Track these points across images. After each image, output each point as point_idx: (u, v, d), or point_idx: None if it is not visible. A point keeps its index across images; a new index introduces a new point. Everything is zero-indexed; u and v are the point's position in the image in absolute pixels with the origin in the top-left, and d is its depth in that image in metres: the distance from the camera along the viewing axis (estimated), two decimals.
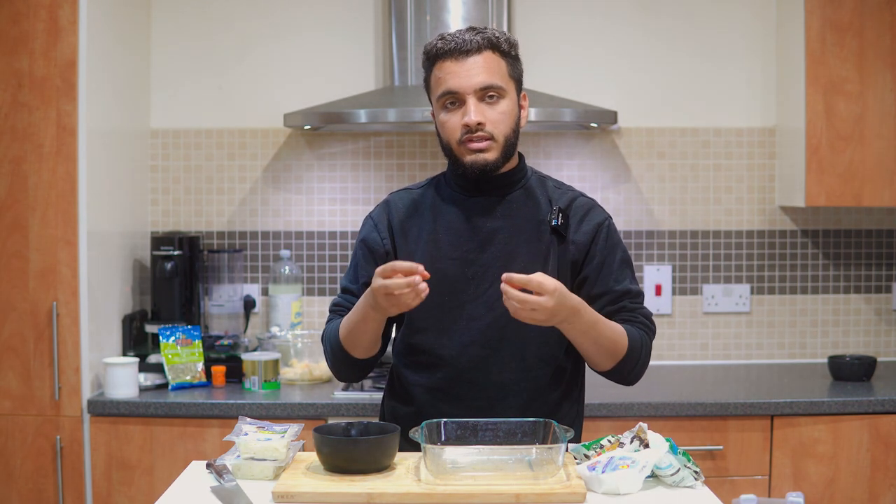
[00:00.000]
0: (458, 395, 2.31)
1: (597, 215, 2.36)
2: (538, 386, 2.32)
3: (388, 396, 2.46)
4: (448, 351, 2.31)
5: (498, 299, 2.24)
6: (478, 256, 2.30)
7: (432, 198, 2.37)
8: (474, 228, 2.31)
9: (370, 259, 2.37)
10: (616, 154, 3.87)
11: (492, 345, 2.29)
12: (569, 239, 2.32)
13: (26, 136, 3.18)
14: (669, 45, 3.87)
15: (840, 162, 3.56)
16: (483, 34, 2.25)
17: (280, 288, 3.74)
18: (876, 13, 3.54)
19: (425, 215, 2.36)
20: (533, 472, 1.96)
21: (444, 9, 3.58)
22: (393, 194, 2.45)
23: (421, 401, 2.34)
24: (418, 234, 2.34)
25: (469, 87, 2.22)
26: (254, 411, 3.16)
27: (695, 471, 2.05)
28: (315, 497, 1.92)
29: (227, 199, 3.86)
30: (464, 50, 2.23)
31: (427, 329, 2.33)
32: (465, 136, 2.24)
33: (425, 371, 2.34)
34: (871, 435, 3.25)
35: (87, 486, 3.23)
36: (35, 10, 3.16)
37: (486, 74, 2.23)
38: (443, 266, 2.29)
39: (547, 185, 2.38)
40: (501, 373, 2.30)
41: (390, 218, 2.38)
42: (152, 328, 3.55)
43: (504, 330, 2.28)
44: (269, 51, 3.85)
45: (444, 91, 2.25)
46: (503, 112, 2.25)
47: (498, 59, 2.25)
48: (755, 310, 3.91)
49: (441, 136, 2.30)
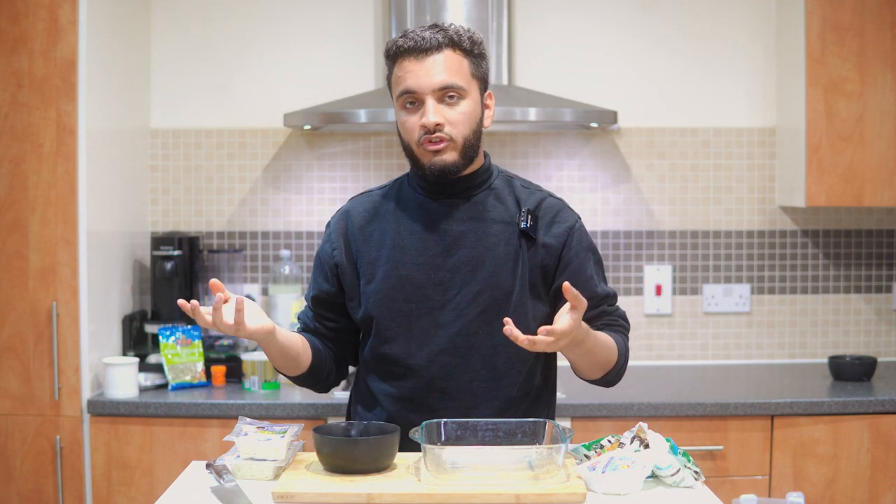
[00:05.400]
0: (428, 405, 2.24)
1: (567, 217, 2.29)
2: (510, 394, 2.26)
3: (356, 403, 2.39)
4: (417, 360, 2.24)
5: (467, 306, 2.22)
6: (444, 261, 2.23)
7: (396, 201, 2.31)
8: (440, 232, 2.25)
9: (321, 271, 2.34)
10: (616, 154, 3.87)
11: (461, 353, 2.23)
12: (538, 241, 2.25)
13: (26, 136, 3.18)
14: (669, 45, 3.87)
15: (840, 162, 3.56)
16: (445, 32, 2.19)
17: (280, 288, 3.74)
18: (876, 13, 3.54)
19: (388, 219, 2.29)
20: (533, 472, 1.96)
21: (443, 9, 3.58)
22: (353, 200, 2.38)
23: (390, 411, 2.27)
24: (381, 238, 2.28)
25: (427, 86, 2.17)
26: (254, 411, 3.16)
27: (695, 471, 2.05)
28: (315, 497, 1.92)
29: (227, 199, 3.86)
30: (423, 48, 2.17)
31: (395, 338, 2.25)
32: (424, 138, 2.18)
33: (395, 381, 2.27)
34: (872, 435, 3.25)
35: (87, 486, 3.23)
36: (35, 9, 3.16)
37: (446, 74, 2.17)
38: (408, 272, 2.24)
39: (514, 186, 2.32)
40: (473, 381, 2.24)
41: (348, 227, 2.31)
42: (152, 328, 3.54)
43: (474, 337, 2.23)
44: (269, 51, 3.85)
45: (402, 90, 2.19)
46: (463, 113, 2.19)
47: (459, 58, 2.20)
48: (755, 310, 3.91)
49: (402, 137, 2.24)
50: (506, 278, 2.23)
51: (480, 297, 2.22)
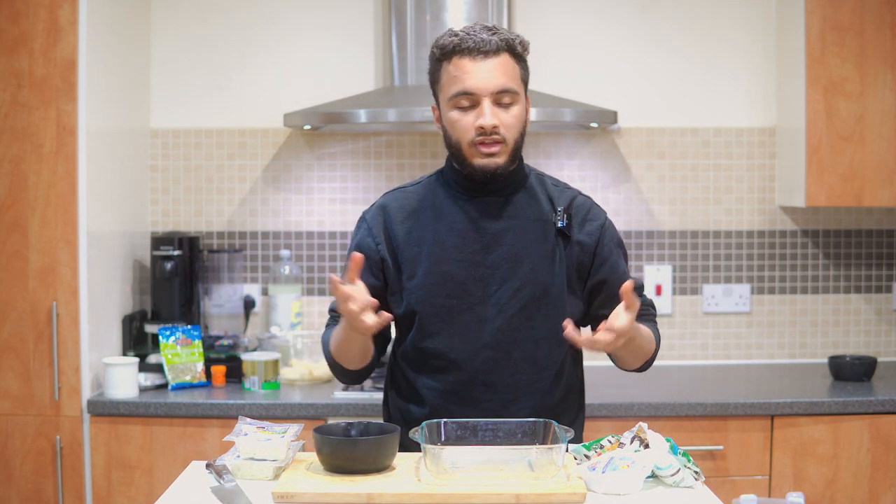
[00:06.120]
0: (472, 398, 2.30)
1: (597, 215, 2.38)
2: (548, 386, 2.33)
3: (396, 397, 2.42)
4: (461, 354, 2.29)
5: (508, 301, 2.28)
6: (484, 258, 2.29)
7: (433, 198, 2.35)
8: (479, 229, 2.30)
9: (364, 266, 2.32)
10: (616, 154, 3.87)
11: (504, 347, 2.29)
12: (573, 239, 2.33)
13: (26, 136, 3.18)
14: (669, 44, 3.87)
15: (840, 162, 3.56)
16: (500, 35, 2.23)
17: (280, 288, 3.74)
18: (876, 13, 3.54)
19: (426, 216, 2.33)
20: (533, 473, 1.96)
21: (443, 9, 3.58)
22: (388, 195, 2.41)
23: (434, 404, 2.32)
24: (420, 235, 2.32)
25: (486, 88, 2.20)
26: (254, 411, 3.16)
27: (695, 471, 2.05)
28: (315, 497, 1.92)
29: (227, 199, 3.86)
30: (483, 50, 2.21)
31: (438, 333, 2.30)
32: (478, 139, 2.22)
33: (437, 374, 2.32)
34: (872, 435, 3.25)
35: (87, 486, 3.23)
36: (35, 9, 3.16)
37: (504, 78, 2.22)
38: (449, 268, 2.28)
39: (546, 184, 2.38)
40: (514, 375, 2.30)
41: (387, 222, 2.35)
42: (152, 328, 3.54)
43: (515, 332, 2.29)
44: (269, 51, 3.85)
45: (459, 91, 2.22)
46: (515, 116, 2.25)
47: (513, 63, 2.25)
48: (755, 310, 3.91)
49: (449, 135, 2.27)
50: (544, 275, 2.30)
51: (521, 292, 2.28)
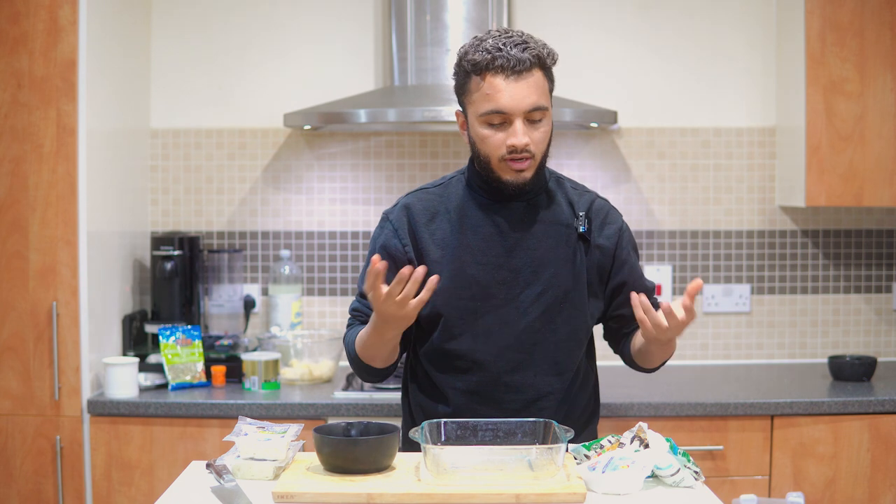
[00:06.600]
0: (495, 397, 2.33)
1: (615, 218, 2.42)
2: (569, 387, 2.37)
3: (418, 393, 2.43)
4: (484, 356, 2.32)
5: (531, 304, 2.31)
6: (507, 261, 2.32)
7: (456, 200, 2.37)
8: (502, 233, 2.33)
9: (391, 266, 2.30)
10: (616, 154, 3.87)
11: (527, 348, 2.32)
12: (592, 243, 2.36)
13: (26, 136, 3.18)
14: (669, 44, 3.87)
15: (840, 162, 3.56)
16: (531, 51, 2.22)
17: (280, 288, 3.74)
18: (876, 13, 3.53)
19: (450, 218, 2.35)
20: (533, 472, 1.96)
21: (443, 9, 3.58)
22: (410, 196, 2.42)
23: (457, 402, 2.35)
24: (444, 237, 2.34)
25: (519, 108, 2.21)
26: (254, 411, 3.16)
27: (695, 471, 2.05)
28: (315, 497, 1.92)
29: (227, 199, 3.86)
30: (517, 70, 2.20)
31: (462, 334, 2.33)
32: (509, 156, 2.24)
33: (461, 374, 2.35)
34: (872, 435, 3.25)
35: (87, 486, 3.23)
36: (35, 9, 3.16)
37: (536, 96, 2.22)
38: (473, 271, 2.31)
39: (565, 187, 2.41)
40: (537, 375, 2.33)
41: (412, 223, 2.36)
42: (152, 328, 3.55)
43: (537, 334, 2.32)
44: (269, 51, 3.85)
45: (492, 109, 2.21)
46: (544, 132, 2.26)
47: (543, 79, 2.25)
48: (755, 310, 3.91)
49: (479, 149, 2.28)
50: (566, 278, 2.33)
51: (543, 296, 2.32)
